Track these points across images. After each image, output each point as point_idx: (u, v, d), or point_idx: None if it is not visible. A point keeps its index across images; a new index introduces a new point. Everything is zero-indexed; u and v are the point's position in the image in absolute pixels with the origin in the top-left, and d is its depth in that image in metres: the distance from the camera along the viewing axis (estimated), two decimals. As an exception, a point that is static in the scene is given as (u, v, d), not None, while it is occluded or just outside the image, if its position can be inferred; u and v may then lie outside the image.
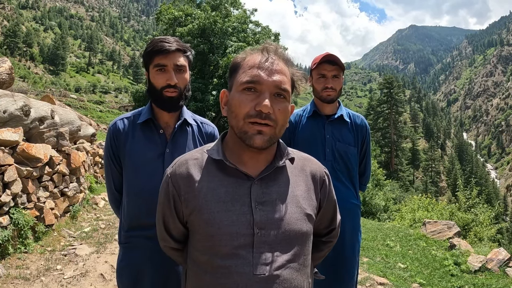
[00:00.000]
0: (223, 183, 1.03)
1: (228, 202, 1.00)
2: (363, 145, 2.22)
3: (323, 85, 2.07)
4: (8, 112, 4.53)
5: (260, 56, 1.03)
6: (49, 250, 4.53)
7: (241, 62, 1.06)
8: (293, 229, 1.02)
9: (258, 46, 1.09)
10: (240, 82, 1.02)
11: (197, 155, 1.11)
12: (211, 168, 1.06)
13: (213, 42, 20.99)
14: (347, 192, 2.10)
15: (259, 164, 1.06)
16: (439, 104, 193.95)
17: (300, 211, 1.05)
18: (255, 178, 1.03)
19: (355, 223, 2.15)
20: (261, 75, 1.00)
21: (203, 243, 1.01)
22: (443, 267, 4.93)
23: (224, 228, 0.98)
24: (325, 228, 1.26)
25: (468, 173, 73.82)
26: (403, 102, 62.09)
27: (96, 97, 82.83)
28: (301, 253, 1.04)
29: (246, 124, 0.99)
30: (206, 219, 1.00)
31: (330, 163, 2.07)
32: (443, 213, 10.25)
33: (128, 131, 1.64)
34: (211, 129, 1.78)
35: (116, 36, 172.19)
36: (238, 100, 1.01)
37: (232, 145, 1.08)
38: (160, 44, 1.56)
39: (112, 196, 1.74)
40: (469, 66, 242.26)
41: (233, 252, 0.97)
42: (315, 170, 1.15)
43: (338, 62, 2.05)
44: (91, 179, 7.82)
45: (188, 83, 1.66)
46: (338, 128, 2.13)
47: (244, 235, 0.98)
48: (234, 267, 0.96)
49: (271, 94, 1.00)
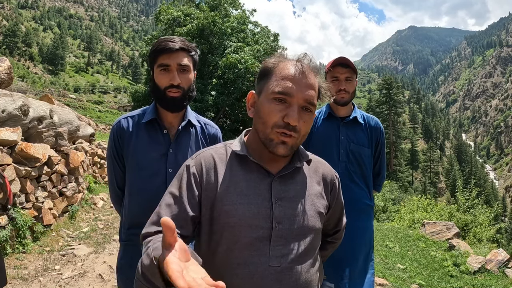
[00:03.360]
0: (245, 177, 1.08)
1: (250, 195, 1.05)
2: (377, 147, 2.25)
3: (336, 87, 2.10)
4: (6, 111, 4.51)
5: (294, 68, 1.06)
6: (47, 250, 4.51)
7: (274, 68, 1.08)
8: (308, 225, 1.08)
9: (291, 54, 1.12)
10: (272, 91, 1.05)
11: (221, 150, 1.15)
12: (234, 163, 1.11)
13: (212, 42, 20.99)
14: (360, 193, 2.12)
15: (279, 163, 1.12)
16: (438, 105, 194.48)
17: (314, 209, 1.11)
18: (275, 175, 1.08)
19: (368, 224, 2.16)
20: (293, 88, 1.03)
21: (222, 234, 1.04)
22: (442, 268, 4.94)
23: (246, 220, 1.03)
24: (331, 229, 1.32)
25: (467, 174, 73.98)
26: (402, 103, 62.19)
27: (95, 97, 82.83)
28: (313, 248, 1.10)
29: (273, 132, 1.04)
30: (227, 210, 1.04)
31: (344, 164, 2.11)
32: (442, 214, 10.26)
33: (132, 130, 1.63)
34: (214, 130, 1.78)
35: (115, 36, 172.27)
36: (268, 108, 1.04)
37: (255, 145, 1.12)
38: (164, 43, 1.56)
39: (115, 194, 1.74)
40: (468, 67, 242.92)
41: (252, 243, 1.02)
42: (326, 173, 1.22)
43: (350, 64, 2.09)
44: (90, 179, 7.81)
45: (193, 83, 1.64)
46: (352, 130, 2.15)
47: (263, 228, 1.03)
48: (251, 258, 1.01)
49: (300, 106, 1.04)
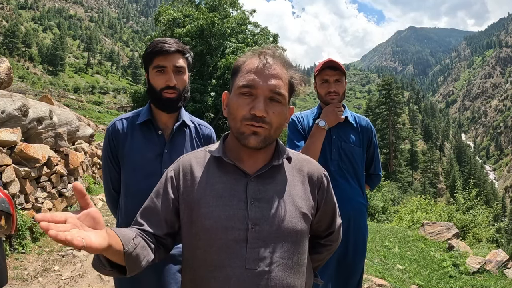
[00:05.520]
0: (221, 179, 1.07)
1: (225, 197, 1.04)
2: (369, 147, 2.28)
3: (326, 90, 2.15)
4: (6, 112, 4.51)
5: (257, 61, 1.07)
6: (46, 251, 4.51)
7: (241, 66, 1.10)
8: (287, 227, 1.04)
9: (259, 49, 1.13)
10: (237, 85, 1.07)
11: (200, 154, 1.16)
12: (211, 166, 1.11)
13: (211, 43, 21.01)
14: (354, 191, 2.14)
15: (257, 163, 1.10)
16: (437, 106, 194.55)
17: (296, 210, 1.08)
18: (251, 175, 1.07)
19: (362, 223, 2.17)
20: (256, 79, 1.04)
21: (199, 236, 1.04)
22: (441, 269, 4.94)
23: (221, 222, 1.02)
24: (324, 231, 1.28)
25: (466, 175, 74.06)
26: (401, 104, 62.16)
27: (95, 98, 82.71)
28: (295, 251, 1.06)
29: (243, 125, 1.04)
30: (204, 212, 1.03)
31: (336, 162, 2.14)
32: (441, 215, 10.25)
33: (127, 132, 1.65)
34: (208, 131, 1.80)
35: (115, 37, 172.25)
36: (236, 103, 1.06)
37: (232, 144, 1.13)
38: (160, 45, 1.57)
39: (110, 196, 1.75)
40: (468, 67, 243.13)
41: (228, 245, 1.00)
42: (312, 171, 1.18)
43: (339, 67, 2.12)
44: (89, 179, 7.81)
45: (187, 84, 1.68)
46: (343, 130, 2.18)
47: (238, 230, 1.01)
48: (227, 261, 1.00)
49: (266, 98, 1.04)
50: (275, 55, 1.09)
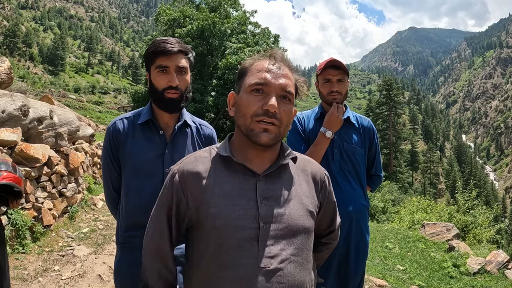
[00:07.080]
0: (229, 179, 1.08)
1: (234, 196, 1.05)
2: (371, 147, 2.26)
3: (328, 89, 2.13)
4: (6, 112, 4.52)
5: (268, 61, 1.12)
6: (47, 251, 4.51)
7: (249, 67, 1.14)
8: (296, 224, 1.07)
9: (265, 52, 1.18)
10: (249, 84, 1.09)
11: (205, 153, 1.17)
12: (218, 165, 1.12)
13: (212, 43, 20.98)
14: (355, 192, 2.12)
15: (264, 162, 1.12)
16: (438, 106, 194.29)
17: (303, 208, 1.11)
18: (260, 175, 1.09)
19: (363, 224, 2.16)
20: (268, 77, 1.08)
21: (209, 236, 1.05)
22: (442, 269, 4.93)
23: (231, 221, 1.03)
24: (325, 229, 1.31)
25: (467, 175, 73.92)
26: (402, 104, 62.11)
27: (95, 98, 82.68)
28: (304, 248, 1.09)
29: (254, 122, 1.06)
30: (213, 212, 1.04)
31: (338, 163, 2.12)
32: (442, 215, 10.25)
33: (128, 132, 1.63)
34: (209, 131, 1.79)
35: (115, 37, 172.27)
36: (247, 100, 1.08)
37: (239, 144, 1.14)
38: (162, 45, 1.56)
39: (110, 196, 1.73)
40: (468, 68, 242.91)
41: (239, 244, 1.01)
42: (315, 171, 1.21)
43: (342, 66, 2.11)
44: (90, 179, 7.81)
45: (189, 84, 1.67)
46: (345, 130, 2.16)
47: (249, 229, 1.02)
48: (239, 260, 1.00)
49: (278, 95, 1.07)
50: (284, 58, 1.14)
